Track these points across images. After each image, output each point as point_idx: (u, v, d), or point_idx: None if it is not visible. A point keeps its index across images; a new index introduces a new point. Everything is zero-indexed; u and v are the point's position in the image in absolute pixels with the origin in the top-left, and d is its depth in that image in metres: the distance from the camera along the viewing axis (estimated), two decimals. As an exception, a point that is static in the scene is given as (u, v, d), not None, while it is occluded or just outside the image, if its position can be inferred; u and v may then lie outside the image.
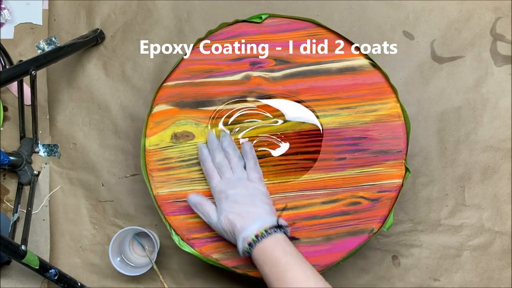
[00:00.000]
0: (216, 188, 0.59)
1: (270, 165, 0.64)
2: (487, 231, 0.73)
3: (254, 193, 0.58)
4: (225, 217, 0.56)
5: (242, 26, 0.66)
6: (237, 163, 0.61)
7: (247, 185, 0.58)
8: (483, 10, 0.74)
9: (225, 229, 0.56)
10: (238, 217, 0.55)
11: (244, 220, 0.55)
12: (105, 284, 0.75)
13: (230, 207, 0.56)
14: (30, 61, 0.64)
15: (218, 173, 0.60)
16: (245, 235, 0.54)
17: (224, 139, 0.63)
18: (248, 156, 0.62)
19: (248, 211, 0.56)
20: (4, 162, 0.70)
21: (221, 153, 0.61)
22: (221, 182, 0.59)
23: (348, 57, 0.64)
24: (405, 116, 0.63)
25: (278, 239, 0.53)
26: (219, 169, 0.60)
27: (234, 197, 0.57)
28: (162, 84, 0.65)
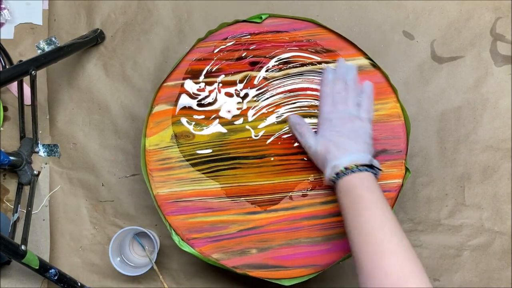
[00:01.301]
0: (325, 113, 0.60)
1: (270, 165, 0.64)
2: (487, 231, 0.73)
3: (358, 130, 0.58)
4: (323, 142, 0.57)
5: (242, 26, 0.66)
6: (353, 98, 0.61)
7: (355, 122, 0.59)
8: (483, 10, 0.74)
9: (319, 154, 0.57)
10: (335, 146, 0.56)
11: (339, 150, 0.56)
12: (105, 284, 0.75)
13: (331, 135, 0.57)
14: (30, 61, 0.64)
15: (332, 100, 0.61)
16: (336, 163, 0.55)
17: (350, 71, 0.63)
18: (366, 95, 0.62)
19: (346, 144, 0.56)
20: (4, 162, 0.70)
21: (342, 83, 0.61)
22: (332, 110, 0.60)
23: (348, 57, 0.64)
24: (405, 116, 0.63)
25: (367, 177, 0.53)
26: (334, 96, 0.61)
27: (338, 128, 0.58)
28: (162, 84, 0.65)
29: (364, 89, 0.62)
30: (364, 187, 0.52)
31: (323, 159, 0.57)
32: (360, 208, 0.51)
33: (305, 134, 0.60)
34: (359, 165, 0.54)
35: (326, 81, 0.62)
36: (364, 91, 0.62)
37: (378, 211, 0.50)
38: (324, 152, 0.57)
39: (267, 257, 0.62)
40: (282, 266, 0.62)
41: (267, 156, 0.64)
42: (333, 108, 0.60)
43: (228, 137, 0.64)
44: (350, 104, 0.60)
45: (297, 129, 0.61)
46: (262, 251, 0.63)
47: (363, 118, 0.60)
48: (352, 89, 0.61)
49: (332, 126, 0.58)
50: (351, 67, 0.63)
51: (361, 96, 0.61)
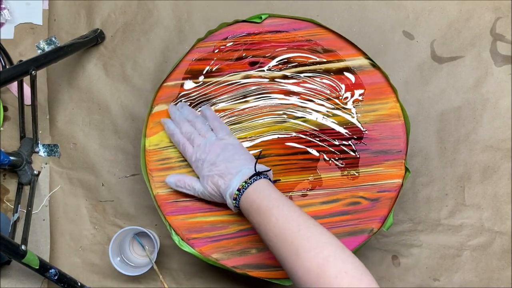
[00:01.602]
0: (192, 158, 0.61)
1: (270, 165, 0.64)
2: (487, 231, 0.73)
3: (227, 148, 0.59)
4: (208, 182, 0.58)
5: (242, 26, 0.66)
6: (203, 128, 0.62)
7: (219, 144, 0.59)
8: (483, 10, 0.74)
9: (212, 193, 0.58)
10: (219, 178, 0.57)
11: (225, 178, 0.56)
12: (105, 284, 0.75)
13: (210, 171, 0.58)
14: (30, 61, 0.64)
15: (189, 143, 0.61)
16: (230, 192, 0.55)
17: (183, 109, 0.64)
18: (210, 118, 0.63)
19: (226, 169, 0.57)
20: (4, 162, 0.70)
21: (185, 122, 0.62)
22: (195, 151, 0.60)
23: (348, 57, 0.64)
24: (405, 116, 0.63)
25: (259, 187, 0.54)
26: (189, 138, 0.61)
27: (210, 160, 0.58)
28: (162, 84, 0.65)
29: (205, 114, 0.63)
30: (259, 196, 0.53)
31: (219, 196, 0.58)
32: (263, 218, 0.51)
33: (190, 185, 0.60)
34: (247, 180, 0.54)
35: (170, 131, 0.63)
36: (206, 116, 0.63)
37: (281, 215, 0.50)
38: (215, 188, 0.57)
39: (267, 257, 0.62)
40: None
41: (267, 156, 0.64)
42: (195, 148, 0.60)
43: (228, 137, 0.64)
44: (204, 133, 0.61)
45: (181, 186, 0.61)
46: (262, 251, 0.63)
47: (223, 137, 0.61)
48: (196, 121, 0.62)
49: (205, 163, 0.59)
50: (181, 105, 0.64)
51: (208, 121, 0.63)
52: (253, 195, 0.53)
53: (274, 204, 0.52)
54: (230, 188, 0.55)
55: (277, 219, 0.50)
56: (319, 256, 0.45)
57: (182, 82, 0.65)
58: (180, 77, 0.65)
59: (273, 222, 0.50)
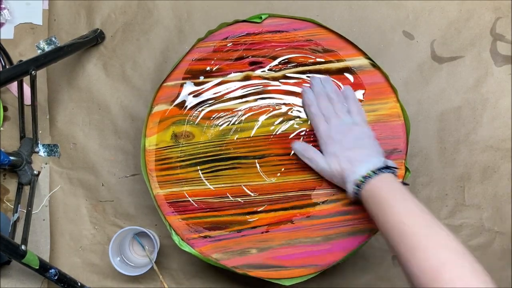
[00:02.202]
0: (323, 134, 0.60)
1: (270, 165, 0.64)
2: (487, 231, 0.73)
3: (360, 136, 0.59)
4: (334, 161, 0.58)
5: (242, 26, 0.66)
6: (341, 108, 0.61)
7: (353, 129, 0.59)
8: (483, 10, 0.74)
9: (335, 173, 0.58)
10: (346, 161, 0.57)
11: (352, 164, 0.56)
12: (105, 284, 0.75)
13: (339, 151, 0.58)
14: (30, 61, 0.64)
15: (324, 118, 0.61)
16: (354, 177, 0.55)
17: (327, 83, 0.63)
18: (351, 100, 0.62)
19: (356, 155, 0.57)
20: (4, 162, 0.70)
21: (325, 98, 0.62)
22: (328, 128, 0.60)
23: (348, 57, 0.64)
24: (405, 116, 0.63)
25: (385, 178, 0.54)
26: (324, 114, 0.61)
27: (341, 142, 0.58)
28: (162, 84, 0.65)
29: (347, 95, 0.63)
30: (384, 188, 0.53)
31: (341, 177, 0.58)
32: (386, 210, 0.51)
33: (314, 158, 0.60)
34: (374, 170, 0.54)
35: (309, 101, 0.63)
36: (347, 96, 0.62)
37: (403, 208, 0.50)
38: (339, 170, 0.57)
39: (267, 257, 0.62)
40: (282, 266, 0.62)
41: (267, 156, 0.64)
42: (328, 125, 0.60)
43: (228, 137, 0.64)
44: (341, 114, 0.61)
45: (305, 155, 0.61)
46: (262, 251, 0.63)
47: (359, 123, 0.60)
48: (337, 100, 0.62)
49: (336, 142, 0.58)
50: (326, 79, 0.64)
51: (347, 103, 0.62)
52: (378, 186, 0.53)
53: (398, 197, 0.51)
54: (356, 174, 0.55)
55: (399, 211, 0.49)
56: (435, 257, 0.44)
57: (182, 82, 0.65)
58: (180, 77, 0.65)
59: (395, 215, 0.49)
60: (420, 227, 0.47)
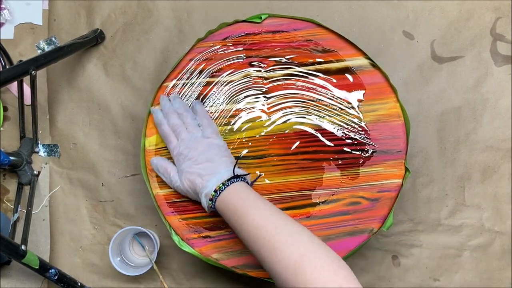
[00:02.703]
0: (174, 151, 0.60)
1: (270, 165, 0.64)
2: (487, 231, 0.73)
3: (210, 148, 0.59)
4: (185, 178, 0.58)
5: (242, 26, 0.66)
6: (191, 123, 0.61)
7: (203, 142, 0.59)
8: (483, 10, 0.74)
9: (188, 190, 0.58)
10: (197, 176, 0.57)
11: (203, 178, 0.56)
12: (105, 284, 0.75)
13: (189, 167, 0.58)
14: (30, 61, 0.64)
15: (174, 135, 0.61)
16: (206, 192, 0.55)
17: (175, 101, 0.63)
18: (200, 114, 0.62)
19: (206, 169, 0.57)
20: (4, 162, 0.70)
21: (174, 115, 0.62)
22: (178, 144, 0.60)
23: (348, 57, 0.64)
24: (405, 116, 0.63)
25: (236, 188, 0.54)
26: (175, 130, 0.61)
27: (192, 157, 0.58)
28: (162, 84, 0.65)
29: (196, 110, 0.63)
30: (235, 199, 0.53)
31: (195, 193, 0.58)
32: (240, 218, 0.52)
33: (169, 175, 0.60)
34: (224, 182, 0.55)
35: (158, 121, 0.63)
36: (196, 111, 0.63)
37: (257, 214, 0.51)
38: (191, 186, 0.57)
39: (267, 257, 0.62)
40: (282, 266, 0.62)
41: (267, 156, 0.64)
42: (179, 141, 0.60)
43: (228, 137, 0.64)
44: (191, 129, 0.61)
45: (161, 172, 0.62)
46: (262, 251, 0.62)
47: (209, 134, 0.60)
48: (186, 115, 0.62)
49: (187, 158, 0.58)
50: (173, 96, 0.64)
51: (197, 117, 0.62)
52: (230, 197, 0.54)
53: (251, 204, 0.52)
54: (207, 188, 0.55)
55: (254, 218, 0.50)
56: (296, 253, 0.46)
57: (182, 82, 0.65)
58: (180, 77, 0.65)
59: (250, 221, 0.50)
60: (276, 227, 0.49)
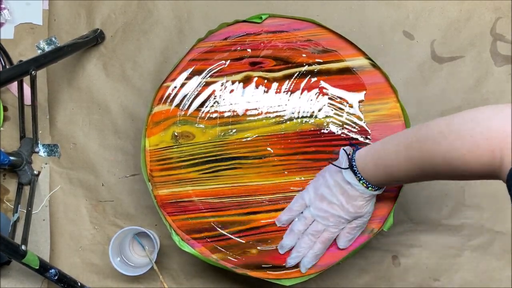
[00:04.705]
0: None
1: (270, 165, 0.64)
2: (487, 231, 0.73)
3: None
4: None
5: (242, 26, 0.66)
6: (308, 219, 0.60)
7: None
8: (483, 10, 0.74)
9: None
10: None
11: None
12: (105, 284, 0.75)
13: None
14: (30, 61, 0.64)
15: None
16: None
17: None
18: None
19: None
20: (4, 162, 0.70)
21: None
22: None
23: (348, 57, 0.64)
24: (405, 116, 0.63)
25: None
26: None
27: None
28: (162, 84, 0.65)
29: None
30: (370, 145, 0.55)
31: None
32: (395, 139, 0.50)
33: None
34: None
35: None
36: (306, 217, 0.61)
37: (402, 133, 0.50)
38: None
39: (267, 257, 0.62)
40: (282, 266, 0.62)
41: (267, 156, 0.64)
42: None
43: (228, 137, 0.64)
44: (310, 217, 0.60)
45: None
46: (262, 251, 0.63)
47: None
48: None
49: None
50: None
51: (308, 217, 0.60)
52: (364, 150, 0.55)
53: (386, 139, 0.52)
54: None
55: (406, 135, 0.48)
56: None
57: (182, 82, 0.65)
58: (180, 77, 0.65)
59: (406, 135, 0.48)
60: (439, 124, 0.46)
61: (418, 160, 0.46)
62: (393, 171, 0.50)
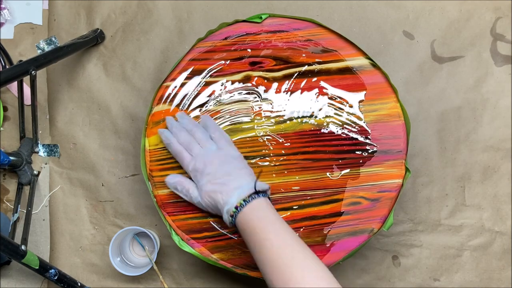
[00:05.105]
0: (189, 166, 0.59)
1: (270, 165, 0.64)
2: (487, 231, 0.73)
3: (227, 160, 0.57)
4: (206, 194, 0.56)
5: (242, 26, 0.66)
6: (203, 137, 0.60)
7: (219, 155, 0.58)
8: (483, 10, 0.74)
9: (209, 206, 0.57)
10: (217, 192, 0.55)
11: (223, 194, 0.55)
12: (105, 284, 0.75)
13: (208, 182, 0.56)
14: (30, 61, 0.64)
15: (187, 152, 0.60)
16: (228, 208, 0.54)
17: (182, 119, 0.62)
18: (211, 127, 0.61)
19: (225, 183, 0.55)
20: (4, 162, 0.70)
21: (183, 131, 0.61)
22: (193, 159, 0.59)
23: (348, 57, 0.64)
24: (405, 116, 0.63)
25: (257, 206, 0.53)
26: (187, 147, 0.60)
27: (209, 172, 0.56)
28: (162, 84, 0.65)
29: (205, 123, 0.62)
30: (255, 218, 0.52)
31: (216, 209, 0.57)
32: (258, 240, 0.51)
33: (188, 191, 0.59)
34: (246, 198, 0.53)
35: (167, 141, 0.61)
36: (206, 125, 0.61)
37: (276, 240, 0.50)
38: (212, 202, 0.56)
39: (267, 257, 0.62)
40: (282, 266, 0.62)
41: (267, 156, 0.64)
42: (193, 157, 0.59)
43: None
44: (204, 143, 0.59)
45: (179, 190, 0.60)
46: (262, 251, 0.62)
47: (223, 146, 0.59)
48: (196, 130, 0.60)
49: (204, 174, 0.57)
50: (180, 115, 0.63)
51: (208, 130, 0.61)
52: (251, 215, 0.52)
53: (270, 228, 0.51)
54: (228, 204, 0.54)
55: (272, 244, 0.49)
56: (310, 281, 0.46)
57: (182, 82, 0.65)
58: (180, 77, 0.65)
59: (267, 246, 0.50)
60: (293, 258, 0.48)
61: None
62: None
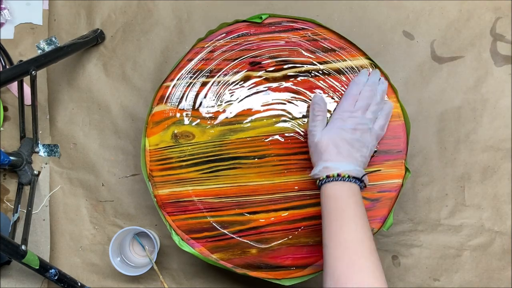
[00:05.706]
0: (341, 111, 0.59)
1: (270, 165, 0.64)
2: (487, 231, 0.73)
3: (364, 142, 0.57)
4: (328, 137, 0.57)
5: (242, 26, 0.66)
6: (374, 110, 0.60)
7: (365, 133, 0.58)
8: (483, 10, 0.74)
9: (318, 146, 0.57)
10: (336, 147, 0.56)
11: (338, 155, 0.55)
12: (105, 284, 0.75)
13: (338, 135, 0.56)
14: (30, 61, 0.64)
15: (354, 103, 0.60)
16: (329, 165, 0.55)
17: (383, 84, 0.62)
18: (385, 113, 0.61)
19: (348, 151, 0.56)
20: (4, 162, 0.70)
21: (371, 91, 0.60)
22: (351, 111, 0.59)
23: (348, 57, 0.64)
24: (405, 116, 0.63)
25: (355, 189, 0.54)
26: (359, 100, 0.60)
27: (347, 131, 0.57)
28: (162, 84, 0.65)
29: (384, 108, 0.62)
30: (351, 199, 0.53)
31: (319, 153, 0.57)
32: (343, 220, 0.51)
33: (317, 119, 0.59)
34: (351, 176, 0.54)
35: (357, 81, 0.61)
36: (384, 109, 0.62)
37: (360, 228, 0.50)
38: (324, 148, 0.56)
39: (267, 257, 0.62)
40: (282, 266, 0.62)
41: (267, 156, 0.64)
42: (352, 110, 0.59)
43: (228, 137, 0.64)
44: (369, 113, 0.59)
45: (314, 110, 0.60)
46: (262, 251, 0.63)
47: (374, 133, 0.59)
48: (377, 102, 0.60)
49: (343, 127, 0.57)
50: (384, 82, 0.63)
51: (381, 113, 0.61)
52: (346, 192, 0.53)
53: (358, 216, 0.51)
54: (333, 164, 0.55)
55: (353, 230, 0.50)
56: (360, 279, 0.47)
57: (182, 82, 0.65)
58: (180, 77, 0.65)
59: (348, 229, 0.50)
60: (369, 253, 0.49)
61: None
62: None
